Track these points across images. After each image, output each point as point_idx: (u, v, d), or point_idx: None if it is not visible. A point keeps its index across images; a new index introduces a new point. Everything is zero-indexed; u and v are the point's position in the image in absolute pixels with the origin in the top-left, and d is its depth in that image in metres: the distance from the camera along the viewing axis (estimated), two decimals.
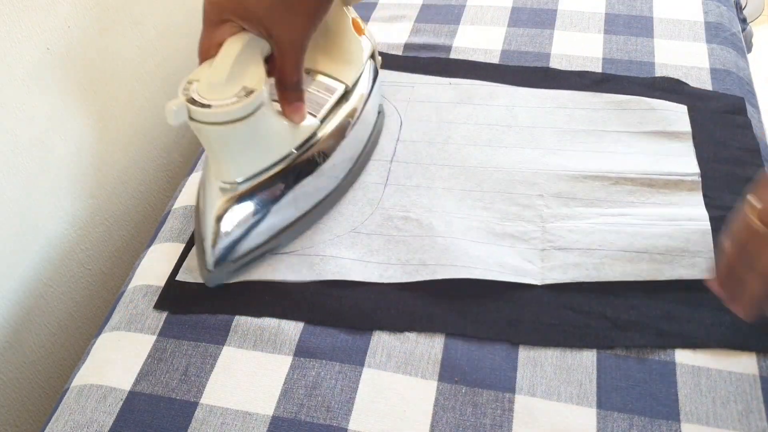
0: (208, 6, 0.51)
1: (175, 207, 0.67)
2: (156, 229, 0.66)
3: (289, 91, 0.55)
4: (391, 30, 0.84)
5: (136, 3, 0.76)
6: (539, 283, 0.57)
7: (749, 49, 0.99)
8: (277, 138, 0.56)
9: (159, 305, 0.58)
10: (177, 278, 0.60)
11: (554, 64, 0.78)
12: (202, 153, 0.73)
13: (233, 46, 0.51)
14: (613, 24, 0.82)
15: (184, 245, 0.63)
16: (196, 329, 0.56)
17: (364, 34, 0.68)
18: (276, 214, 0.58)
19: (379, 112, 0.71)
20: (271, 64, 0.54)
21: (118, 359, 0.55)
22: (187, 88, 0.51)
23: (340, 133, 0.62)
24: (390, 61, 0.79)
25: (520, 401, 0.50)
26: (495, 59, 0.79)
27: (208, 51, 0.52)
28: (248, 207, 0.56)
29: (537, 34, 0.82)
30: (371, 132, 0.68)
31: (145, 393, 0.52)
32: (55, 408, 0.53)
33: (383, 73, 0.74)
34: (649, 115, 0.70)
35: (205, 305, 0.58)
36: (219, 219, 0.55)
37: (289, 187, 0.58)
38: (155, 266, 0.62)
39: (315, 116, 0.60)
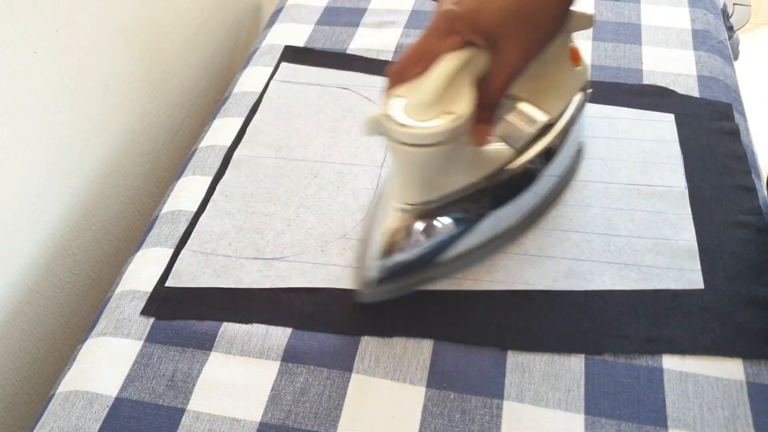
0: (442, 14, 0.48)
1: (163, 212, 0.67)
2: (144, 234, 0.66)
3: (485, 109, 0.50)
4: (381, 36, 0.84)
5: (123, 7, 0.75)
6: (530, 289, 0.57)
7: (736, 57, 1.00)
8: (468, 165, 0.54)
9: (146, 311, 0.58)
10: (166, 284, 0.60)
11: None
12: (190, 158, 0.73)
13: (449, 65, 0.47)
14: (601, 31, 0.83)
15: (173, 250, 0.62)
16: (183, 335, 0.56)
17: (580, 65, 0.61)
18: (451, 241, 0.55)
19: (578, 150, 0.66)
20: (478, 83, 0.50)
21: (104, 365, 0.55)
22: (390, 104, 0.48)
23: (535, 167, 0.58)
24: (378, 67, 0.79)
25: (508, 407, 0.50)
26: None
27: (421, 57, 0.49)
28: (425, 230, 0.53)
29: None
30: (565, 170, 0.63)
31: (132, 399, 0.52)
32: (41, 414, 0.53)
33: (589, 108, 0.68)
34: (636, 124, 0.70)
35: (192, 311, 0.57)
36: (392, 238, 0.53)
37: (470, 215, 0.55)
38: (142, 271, 0.61)
39: (514, 147, 0.57)
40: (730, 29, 0.95)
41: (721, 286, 0.56)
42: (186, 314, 0.57)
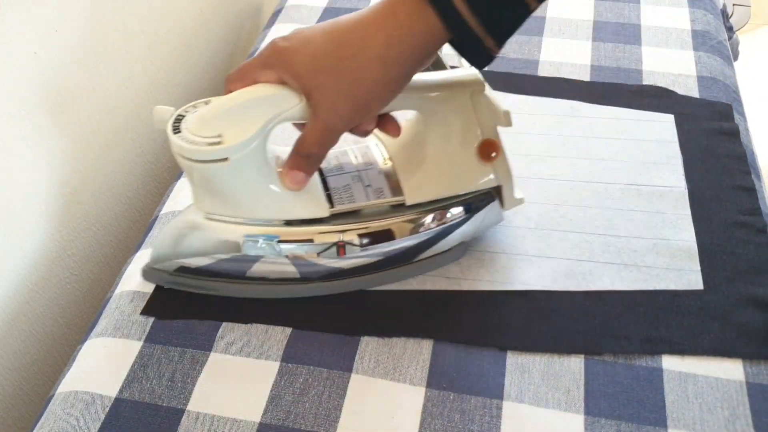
0: (269, 46, 0.48)
1: (162, 212, 0.67)
2: (143, 234, 0.66)
3: (298, 156, 0.50)
4: None
5: (124, 9, 0.75)
6: (530, 289, 0.57)
7: (735, 58, 1.00)
8: (277, 201, 0.52)
9: (146, 311, 0.58)
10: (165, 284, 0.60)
11: (542, 71, 0.78)
12: None
13: (248, 93, 0.47)
14: (601, 31, 0.83)
15: None
16: (183, 335, 0.56)
17: (490, 162, 0.54)
18: (217, 266, 0.55)
19: (452, 250, 0.57)
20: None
21: (104, 365, 0.55)
22: (187, 109, 0.49)
23: (346, 241, 0.53)
24: None
25: (508, 408, 0.50)
26: None
27: (237, 80, 0.49)
28: (194, 238, 0.54)
29: (525, 41, 0.82)
30: (405, 261, 0.56)
31: (131, 400, 0.52)
32: (40, 415, 0.53)
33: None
34: (636, 124, 0.70)
35: (192, 311, 0.57)
36: (170, 231, 0.55)
37: (255, 250, 0.53)
38: None
39: (330, 207, 0.53)
40: (730, 29, 0.95)
41: (720, 286, 0.56)
42: (186, 314, 0.57)
